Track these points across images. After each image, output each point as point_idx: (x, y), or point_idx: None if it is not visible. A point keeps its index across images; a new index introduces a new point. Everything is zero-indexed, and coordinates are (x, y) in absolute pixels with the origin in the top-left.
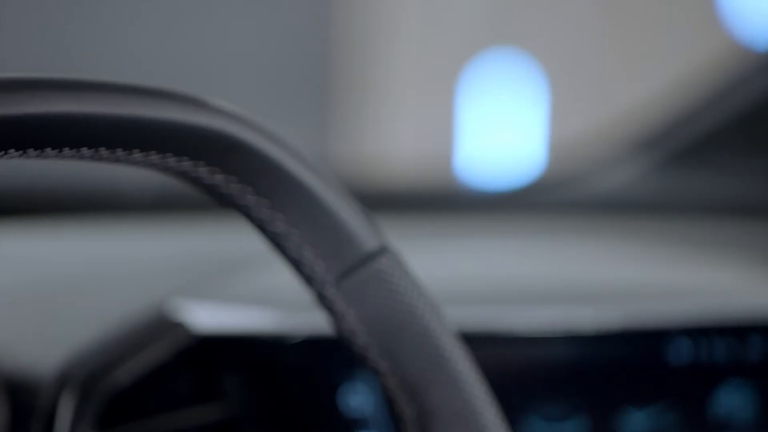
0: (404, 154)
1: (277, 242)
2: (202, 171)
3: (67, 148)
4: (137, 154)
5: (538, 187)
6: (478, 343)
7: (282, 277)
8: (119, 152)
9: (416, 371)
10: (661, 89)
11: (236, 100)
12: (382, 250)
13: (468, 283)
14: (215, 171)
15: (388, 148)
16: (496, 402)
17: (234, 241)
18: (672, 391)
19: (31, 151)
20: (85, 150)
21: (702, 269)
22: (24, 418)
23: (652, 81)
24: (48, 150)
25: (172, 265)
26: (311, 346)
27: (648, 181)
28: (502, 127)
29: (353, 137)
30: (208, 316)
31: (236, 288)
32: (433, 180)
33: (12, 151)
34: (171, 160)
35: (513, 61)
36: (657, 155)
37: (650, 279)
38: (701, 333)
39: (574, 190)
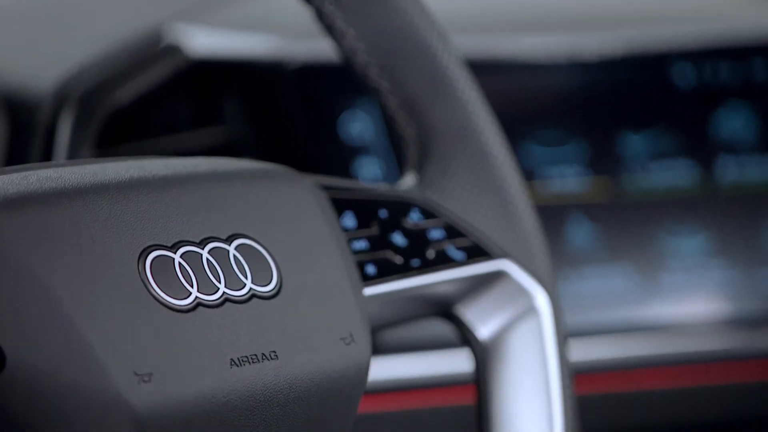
0: None
1: None
2: None
3: None
4: None
5: None
6: (480, 70)
7: (281, 3)
8: None
9: (417, 89)
10: None
11: None
12: None
13: (472, 10)
14: None
15: None
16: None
17: None
18: (672, 114)
19: None
20: None
21: None
22: (24, 134)
23: None
24: None
25: None
26: (311, 72)
27: None
28: None
29: None
30: (207, 41)
31: (235, 13)
32: None
33: None
34: None
35: None
36: None
37: (653, 4)
38: (703, 56)
39: None
